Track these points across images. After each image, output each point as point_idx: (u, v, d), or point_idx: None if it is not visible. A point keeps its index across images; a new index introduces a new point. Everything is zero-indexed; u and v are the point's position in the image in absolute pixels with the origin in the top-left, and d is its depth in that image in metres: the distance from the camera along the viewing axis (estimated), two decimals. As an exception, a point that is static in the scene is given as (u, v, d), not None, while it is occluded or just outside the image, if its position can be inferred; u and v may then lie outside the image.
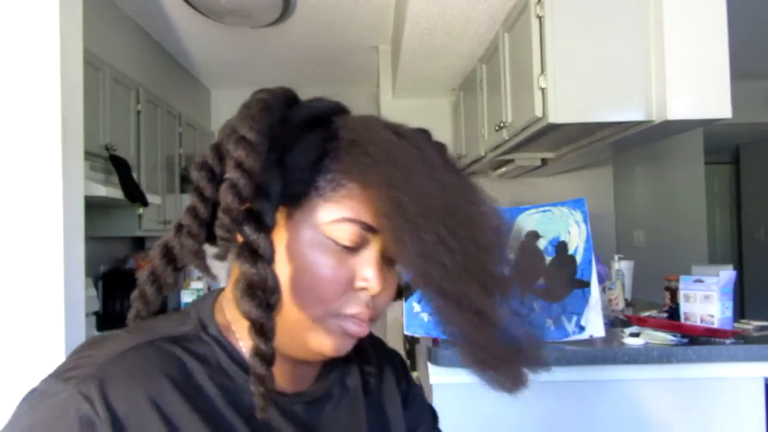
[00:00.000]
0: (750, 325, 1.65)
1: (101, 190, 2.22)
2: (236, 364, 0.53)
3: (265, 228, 0.49)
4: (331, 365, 0.62)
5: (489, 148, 2.81)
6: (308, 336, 0.52)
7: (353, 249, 0.51)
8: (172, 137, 3.35)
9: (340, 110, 0.56)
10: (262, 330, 0.47)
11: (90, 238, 1.87)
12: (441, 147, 0.58)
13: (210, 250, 0.53)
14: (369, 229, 0.51)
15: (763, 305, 4.81)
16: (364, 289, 0.52)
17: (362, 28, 3.24)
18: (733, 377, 1.42)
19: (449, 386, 1.41)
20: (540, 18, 1.97)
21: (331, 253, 0.51)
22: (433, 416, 0.74)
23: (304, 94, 0.61)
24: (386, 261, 0.53)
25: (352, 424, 0.61)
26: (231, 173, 0.47)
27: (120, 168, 2.48)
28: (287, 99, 0.54)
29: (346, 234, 0.50)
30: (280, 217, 0.52)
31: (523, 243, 0.56)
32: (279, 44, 3.48)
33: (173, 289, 0.56)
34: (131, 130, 2.79)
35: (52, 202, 1.58)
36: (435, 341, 1.47)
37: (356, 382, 0.63)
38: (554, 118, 1.91)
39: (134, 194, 2.53)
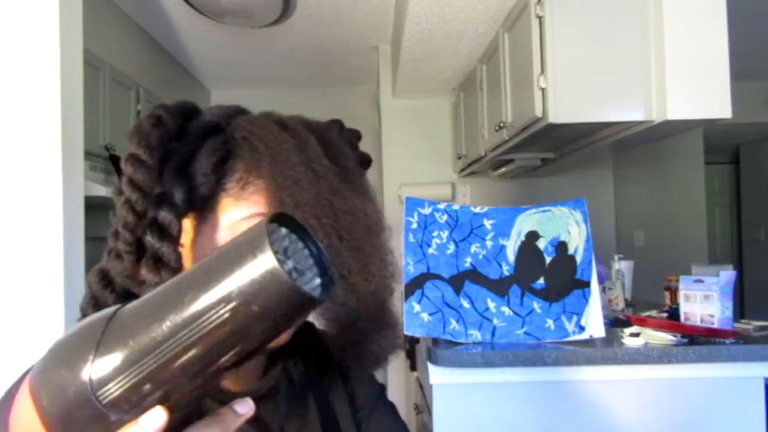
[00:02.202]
0: (750, 325, 1.65)
1: (101, 190, 2.22)
2: None
3: (169, 236, 0.50)
4: (274, 361, 0.63)
5: (489, 148, 2.81)
6: None
7: None
8: (172, 137, 3.35)
9: (238, 112, 0.57)
10: None
11: (90, 238, 1.87)
12: (352, 134, 0.62)
13: None
14: None
15: (763, 305, 4.81)
16: None
17: (362, 28, 3.24)
18: (733, 377, 1.42)
19: (449, 386, 1.41)
20: (540, 18, 1.97)
21: None
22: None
23: (304, 94, 0.62)
24: None
25: (302, 417, 0.62)
26: (125, 190, 0.49)
27: (120, 168, 2.48)
28: (184, 111, 0.55)
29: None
30: (192, 223, 0.53)
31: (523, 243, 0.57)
32: (279, 44, 3.48)
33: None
34: (131, 130, 2.79)
35: (52, 202, 1.58)
36: (435, 341, 1.47)
37: (301, 375, 0.65)
38: (554, 118, 1.91)
39: (134, 194, 2.53)
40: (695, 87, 1.82)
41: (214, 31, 3.24)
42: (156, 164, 0.50)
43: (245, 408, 0.35)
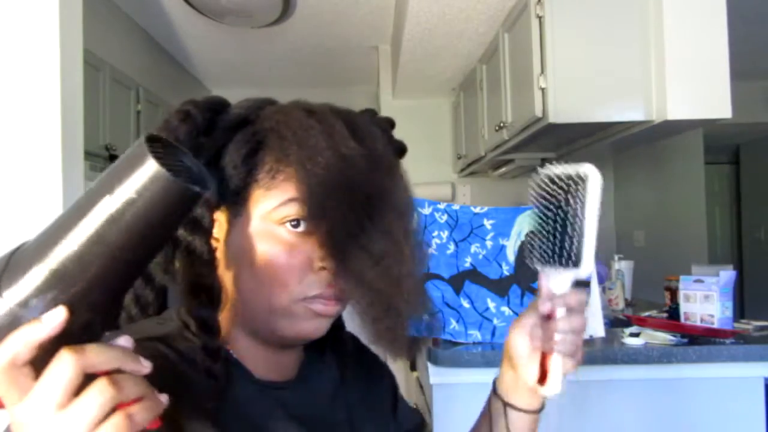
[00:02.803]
0: (750, 325, 1.65)
1: (101, 190, 2.22)
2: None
3: (201, 230, 0.50)
4: (312, 353, 0.64)
5: (489, 148, 2.81)
6: (282, 324, 0.54)
7: (307, 232, 0.52)
8: (172, 137, 3.35)
9: (266, 103, 0.57)
10: (207, 327, 0.49)
11: (90, 238, 1.87)
12: (384, 121, 0.61)
13: None
14: None
15: (763, 305, 4.81)
16: (323, 268, 0.53)
17: (362, 28, 3.24)
18: (733, 377, 1.42)
19: (449, 386, 1.41)
20: (540, 18, 1.97)
21: (283, 240, 0.52)
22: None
23: (304, 94, 0.61)
24: None
25: (338, 408, 0.62)
26: None
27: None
28: (213, 106, 0.54)
29: (291, 213, 0.52)
30: (226, 216, 0.54)
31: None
32: (279, 44, 3.48)
33: (154, 308, 0.57)
34: (131, 130, 2.79)
35: (52, 202, 1.58)
36: (435, 341, 1.47)
37: (334, 370, 0.65)
38: (554, 118, 1.91)
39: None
40: (695, 87, 1.82)
41: (214, 31, 3.24)
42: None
43: (126, 342, 0.37)
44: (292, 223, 0.52)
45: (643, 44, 1.89)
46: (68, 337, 0.34)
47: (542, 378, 0.63)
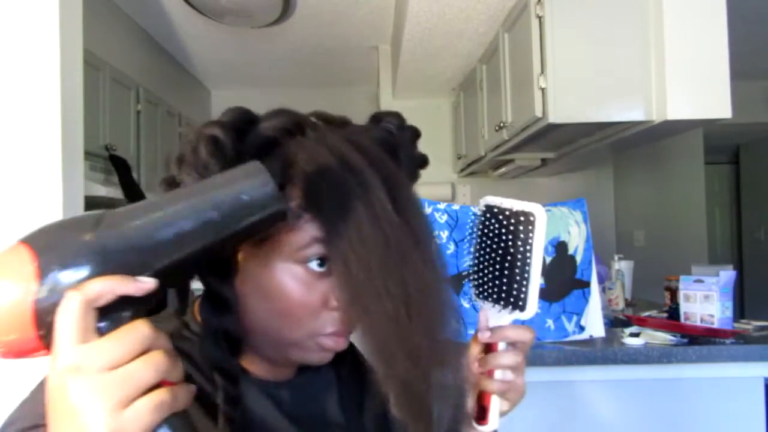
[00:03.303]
0: (750, 325, 1.65)
1: (101, 190, 2.22)
2: None
3: (227, 275, 0.48)
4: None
5: (489, 148, 2.81)
6: (290, 352, 0.53)
7: (324, 272, 0.51)
8: (172, 137, 3.35)
9: (296, 126, 0.53)
10: (228, 375, 0.47)
11: (90, 238, 1.87)
12: (411, 132, 0.59)
13: None
14: None
15: (763, 305, 4.81)
16: (338, 308, 0.52)
17: (362, 28, 3.24)
18: (733, 377, 1.42)
19: (449, 386, 1.41)
20: (540, 18, 1.97)
21: (302, 279, 0.51)
22: None
23: (304, 94, 0.60)
24: None
25: (334, 408, 0.63)
26: None
27: (120, 168, 2.48)
28: (241, 125, 0.51)
29: (315, 253, 0.50)
30: (245, 252, 0.51)
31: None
32: (279, 44, 3.48)
33: (152, 304, 0.57)
34: (131, 130, 2.79)
35: (52, 202, 1.58)
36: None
37: (331, 371, 0.65)
38: (554, 118, 1.91)
39: (134, 194, 2.53)
40: (695, 87, 1.82)
41: (214, 31, 3.24)
42: None
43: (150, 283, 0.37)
44: (314, 262, 0.50)
45: (643, 44, 1.89)
46: (130, 303, 0.36)
47: (481, 413, 0.61)
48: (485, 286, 0.60)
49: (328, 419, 0.61)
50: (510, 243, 0.57)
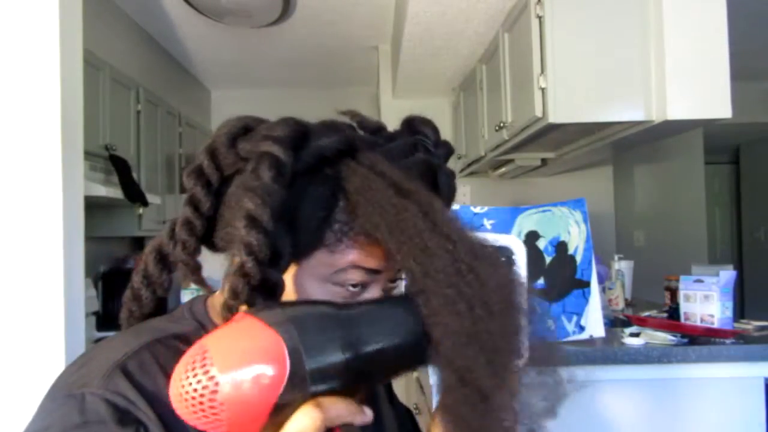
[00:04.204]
0: (750, 325, 1.65)
1: (101, 190, 2.22)
2: None
3: (276, 297, 0.48)
4: None
5: (489, 148, 2.81)
6: None
7: (357, 291, 0.52)
8: (172, 137, 3.35)
9: (348, 145, 0.51)
10: None
11: (90, 238, 1.87)
12: (446, 149, 0.60)
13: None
14: (374, 272, 0.52)
15: (763, 305, 4.81)
16: None
17: (362, 28, 3.24)
18: (733, 377, 1.42)
19: (449, 386, 1.41)
20: (540, 18, 1.97)
21: (341, 299, 0.51)
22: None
23: (304, 94, 0.60)
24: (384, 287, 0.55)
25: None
26: (243, 257, 0.45)
27: (120, 168, 2.48)
28: (298, 143, 0.49)
29: (353, 279, 0.51)
30: (288, 273, 0.51)
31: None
32: (279, 44, 3.48)
33: (166, 293, 0.57)
34: (131, 130, 2.79)
35: (52, 202, 1.58)
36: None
37: None
38: (554, 118, 1.91)
39: (134, 194, 2.53)
40: (695, 87, 1.82)
41: (214, 31, 3.24)
42: (271, 224, 0.46)
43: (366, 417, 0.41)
44: (352, 286, 0.51)
45: (643, 44, 1.89)
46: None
47: None
48: None
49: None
50: None
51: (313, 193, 0.50)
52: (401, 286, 0.57)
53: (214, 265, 0.58)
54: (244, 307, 0.46)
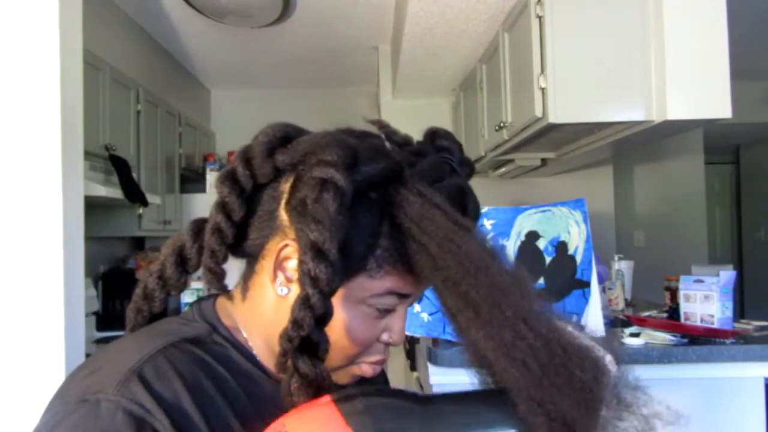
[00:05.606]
0: (750, 325, 1.65)
1: (101, 190, 2.22)
2: (252, 364, 0.54)
3: (326, 324, 0.48)
4: None
5: (489, 148, 2.81)
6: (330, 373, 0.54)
7: (386, 312, 0.53)
8: (172, 137, 3.35)
9: (394, 172, 0.51)
10: (318, 382, 0.47)
11: (90, 238, 1.87)
12: (469, 167, 0.59)
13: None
14: (404, 296, 0.53)
15: (763, 305, 4.81)
16: (387, 340, 0.54)
17: (362, 28, 3.24)
18: (733, 377, 1.42)
19: (449, 386, 1.41)
20: (540, 18, 1.97)
21: (370, 319, 0.52)
22: None
23: (304, 94, 0.60)
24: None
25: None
26: (309, 290, 0.45)
27: (120, 168, 2.48)
28: (349, 166, 0.48)
29: (387, 304, 0.52)
30: None
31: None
32: (279, 44, 3.48)
33: (178, 292, 0.57)
34: (131, 130, 2.79)
35: (52, 202, 1.58)
36: (435, 341, 1.47)
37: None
38: (554, 118, 1.91)
39: (134, 194, 2.53)
40: (695, 87, 1.82)
41: (214, 31, 3.24)
42: (338, 256, 0.45)
43: None
44: (383, 308, 0.52)
45: (643, 44, 1.89)
46: None
47: None
48: None
49: None
50: None
51: (361, 219, 0.49)
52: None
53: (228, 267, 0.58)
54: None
